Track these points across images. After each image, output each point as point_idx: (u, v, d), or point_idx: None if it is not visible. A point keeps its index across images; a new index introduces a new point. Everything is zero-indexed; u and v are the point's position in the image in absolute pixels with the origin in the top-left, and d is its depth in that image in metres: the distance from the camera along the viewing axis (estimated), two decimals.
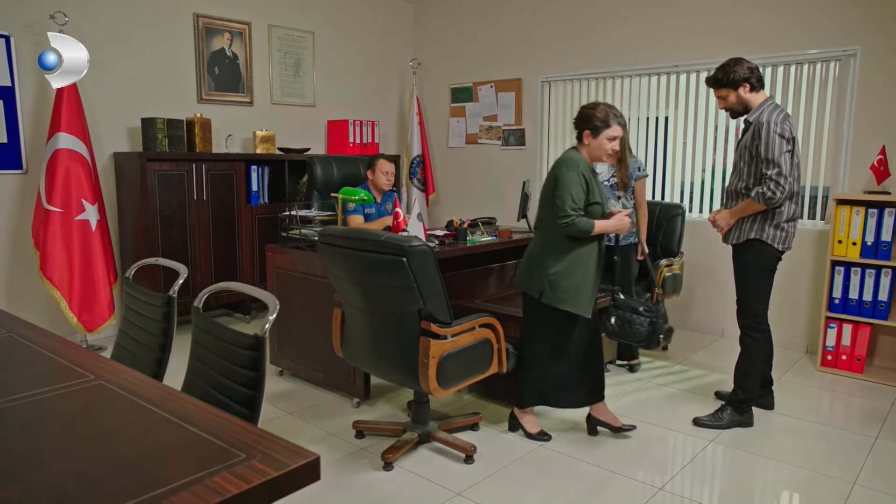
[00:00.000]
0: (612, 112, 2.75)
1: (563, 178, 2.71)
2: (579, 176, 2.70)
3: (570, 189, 2.67)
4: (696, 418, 3.16)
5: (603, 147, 2.76)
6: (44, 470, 1.07)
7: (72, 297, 3.96)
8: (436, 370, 2.53)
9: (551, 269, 2.77)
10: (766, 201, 2.87)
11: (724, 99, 3.04)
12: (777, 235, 2.96)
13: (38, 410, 1.33)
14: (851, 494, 2.51)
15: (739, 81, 2.96)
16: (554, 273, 2.77)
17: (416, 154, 6.12)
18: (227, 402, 1.60)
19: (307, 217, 3.73)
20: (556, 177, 2.75)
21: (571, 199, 2.67)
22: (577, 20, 5.25)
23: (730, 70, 2.98)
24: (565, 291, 2.75)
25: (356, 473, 2.67)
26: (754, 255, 3.00)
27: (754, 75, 2.96)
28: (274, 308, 1.61)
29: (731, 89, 2.98)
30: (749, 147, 2.95)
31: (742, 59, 3.00)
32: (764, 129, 2.86)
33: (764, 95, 3.00)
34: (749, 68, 2.97)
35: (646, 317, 2.93)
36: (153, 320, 2.05)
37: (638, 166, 3.76)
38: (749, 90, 2.97)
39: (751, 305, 3.06)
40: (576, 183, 2.69)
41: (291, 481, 1.07)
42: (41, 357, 1.66)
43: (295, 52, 5.49)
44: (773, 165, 2.84)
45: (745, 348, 3.13)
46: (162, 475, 1.05)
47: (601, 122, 2.73)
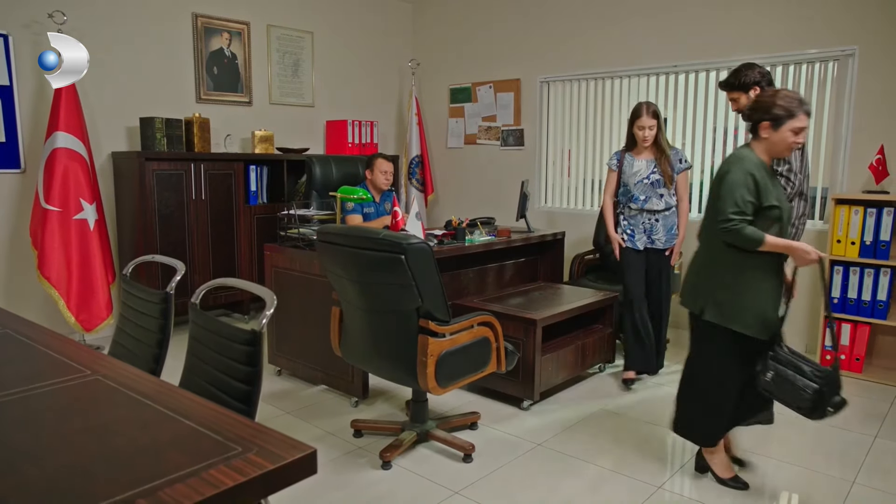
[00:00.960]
0: (797, 100, 2.33)
1: (728, 177, 2.33)
2: (747, 175, 2.31)
3: (735, 190, 2.29)
4: None
5: (786, 141, 2.33)
6: (40, 463, 1.07)
7: (70, 296, 3.95)
8: (434, 368, 2.52)
9: (716, 283, 2.41)
10: None
11: (736, 101, 3.12)
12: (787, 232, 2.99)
13: (35, 405, 1.32)
14: (851, 493, 2.51)
15: (750, 85, 3.03)
16: (719, 287, 2.39)
17: (415, 154, 6.12)
18: (225, 397, 1.59)
19: (306, 216, 3.73)
20: (721, 175, 2.37)
21: (735, 203, 2.29)
22: (576, 20, 5.26)
23: (741, 74, 3.06)
24: (735, 308, 2.35)
25: (354, 472, 2.66)
26: None
27: (765, 79, 3.04)
28: (271, 303, 1.60)
29: (742, 92, 3.06)
30: None
31: (754, 64, 3.07)
32: None
33: None
34: (760, 73, 3.04)
35: (815, 382, 2.28)
36: (150, 317, 2.04)
37: (680, 157, 3.56)
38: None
39: None
40: (741, 184, 2.30)
41: (288, 474, 1.07)
42: (37, 353, 1.66)
43: (294, 52, 5.49)
44: (784, 162, 2.86)
45: None
46: (158, 468, 1.04)
47: (784, 112, 2.31)
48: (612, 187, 3.66)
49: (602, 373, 3.89)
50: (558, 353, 3.40)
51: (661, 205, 3.54)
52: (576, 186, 5.48)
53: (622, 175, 3.60)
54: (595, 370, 3.90)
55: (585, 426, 3.12)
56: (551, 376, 3.37)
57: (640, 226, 3.59)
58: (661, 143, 3.50)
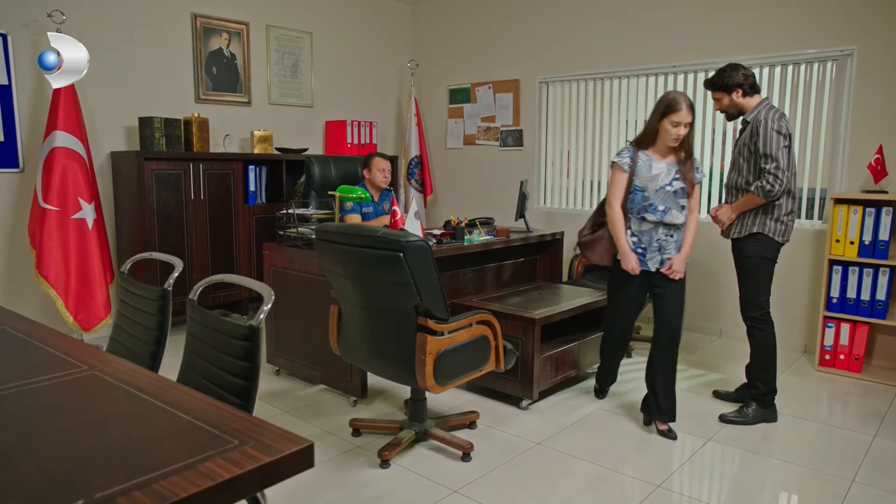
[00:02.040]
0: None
1: None
2: None
3: None
4: (722, 415, 3.18)
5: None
6: (36, 456, 1.06)
7: (68, 296, 3.94)
8: (433, 367, 2.52)
9: None
10: (765, 194, 2.94)
11: (719, 101, 3.16)
12: (777, 228, 3.05)
13: (31, 399, 1.32)
14: (850, 492, 2.50)
15: (732, 86, 3.08)
16: None
17: (414, 155, 6.12)
18: (222, 393, 1.59)
19: (304, 216, 3.72)
20: None
21: None
22: (575, 21, 5.26)
23: (725, 75, 3.09)
24: None
25: (353, 471, 2.65)
26: (757, 247, 3.07)
27: (747, 82, 3.07)
28: (269, 298, 1.60)
29: (725, 93, 3.10)
30: (748, 144, 3.04)
31: (739, 66, 3.10)
32: (762, 127, 2.96)
33: (759, 98, 3.11)
34: (744, 75, 3.08)
35: None
36: (148, 314, 2.03)
37: (697, 166, 3.00)
38: (741, 95, 3.08)
39: (755, 297, 3.10)
40: None
41: (285, 467, 1.06)
42: (34, 348, 1.65)
43: (293, 52, 5.49)
44: (772, 160, 2.93)
45: (755, 343, 3.16)
46: (154, 460, 1.04)
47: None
48: (623, 191, 2.95)
49: None
50: (557, 352, 3.39)
51: (681, 218, 2.92)
52: (574, 187, 5.48)
53: (634, 177, 2.93)
54: (594, 370, 3.89)
55: (584, 426, 3.12)
56: (550, 376, 3.37)
57: (655, 243, 2.95)
58: (691, 145, 2.92)
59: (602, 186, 5.27)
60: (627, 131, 5.09)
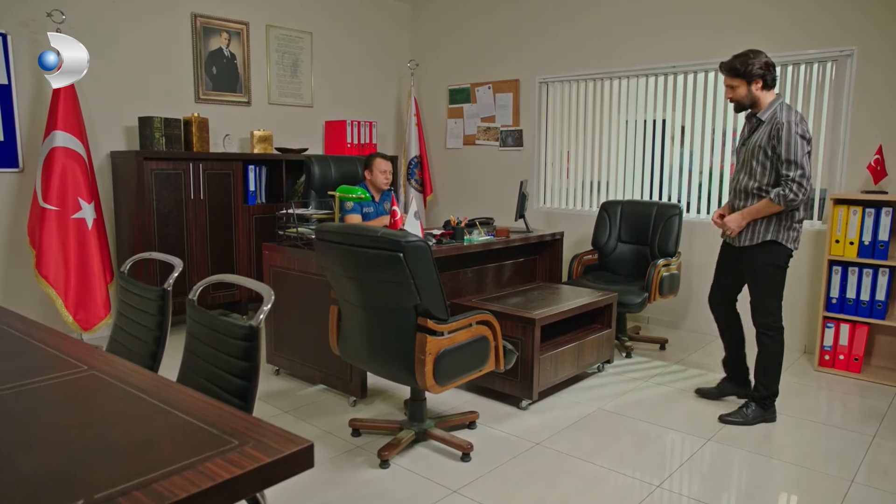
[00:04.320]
0: None
1: None
2: None
3: None
4: (721, 416, 3.17)
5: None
6: (35, 456, 1.06)
7: (67, 295, 3.94)
8: (432, 367, 2.52)
9: None
10: (787, 203, 2.84)
11: (734, 89, 2.94)
12: (790, 236, 2.96)
13: (30, 399, 1.31)
14: (849, 492, 2.50)
15: (755, 76, 2.86)
16: None
17: (414, 155, 6.12)
18: (222, 392, 1.59)
19: (304, 216, 3.72)
20: None
21: None
22: (575, 21, 5.26)
23: (749, 62, 2.85)
24: None
25: (352, 471, 2.65)
26: (771, 255, 2.98)
27: (770, 74, 2.88)
28: (269, 298, 1.60)
29: (745, 81, 2.89)
30: (765, 147, 2.89)
31: (760, 52, 2.88)
32: (785, 130, 2.81)
33: (773, 94, 2.95)
34: (767, 64, 2.87)
35: None
36: (148, 314, 2.03)
37: None
38: (761, 87, 2.89)
39: (768, 305, 3.05)
40: None
41: (284, 467, 1.06)
42: (33, 348, 1.65)
43: (293, 52, 5.49)
44: (797, 167, 2.79)
45: (762, 347, 3.12)
46: (154, 460, 1.03)
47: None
48: None
49: (601, 372, 3.88)
50: (557, 352, 3.39)
51: None
52: (574, 187, 5.48)
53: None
54: (594, 370, 3.90)
55: (584, 426, 3.12)
56: (550, 376, 3.37)
57: None
58: None
59: (602, 186, 5.27)
60: (627, 131, 5.09)
